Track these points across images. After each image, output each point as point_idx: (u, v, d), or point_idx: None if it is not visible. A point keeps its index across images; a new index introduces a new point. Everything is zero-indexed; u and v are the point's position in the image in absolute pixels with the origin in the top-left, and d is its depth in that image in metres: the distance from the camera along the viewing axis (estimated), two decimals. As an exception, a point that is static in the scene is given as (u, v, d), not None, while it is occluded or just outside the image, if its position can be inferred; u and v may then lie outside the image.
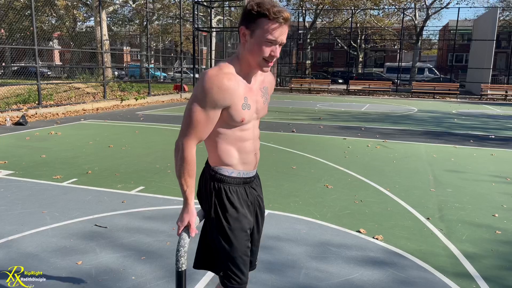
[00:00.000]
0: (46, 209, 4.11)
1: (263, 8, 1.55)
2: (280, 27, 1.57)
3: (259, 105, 1.77)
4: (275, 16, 1.54)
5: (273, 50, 1.60)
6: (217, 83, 1.58)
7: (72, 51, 21.29)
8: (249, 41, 1.62)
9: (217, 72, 1.61)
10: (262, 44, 1.59)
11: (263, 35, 1.57)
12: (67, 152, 6.73)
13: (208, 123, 1.64)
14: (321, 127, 10.23)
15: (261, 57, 1.61)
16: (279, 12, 1.54)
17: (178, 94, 18.94)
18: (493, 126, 11.23)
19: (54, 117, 11.30)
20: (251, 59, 1.64)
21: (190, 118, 1.63)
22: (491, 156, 7.14)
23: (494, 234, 3.71)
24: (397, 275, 2.95)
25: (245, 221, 1.78)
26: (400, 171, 5.89)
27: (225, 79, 1.59)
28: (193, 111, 1.62)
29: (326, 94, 24.46)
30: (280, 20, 1.55)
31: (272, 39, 1.58)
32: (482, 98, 22.17)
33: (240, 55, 1.68)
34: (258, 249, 2.02)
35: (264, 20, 1.56)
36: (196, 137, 1.65)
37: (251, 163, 1.81)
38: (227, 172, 1.75)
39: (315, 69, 42.54)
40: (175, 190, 4.81)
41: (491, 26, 23.27)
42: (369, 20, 37.08)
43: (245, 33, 1.62)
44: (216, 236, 1.76)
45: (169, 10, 30.45)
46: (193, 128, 1.63)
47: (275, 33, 1.57)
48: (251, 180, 1.85)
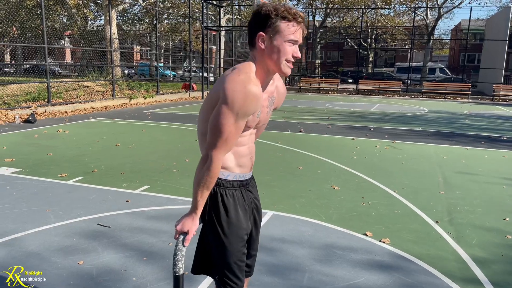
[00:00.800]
0: (50, 207, 4.10)
1: (280, 11, 1.57)
2: (299, 27, 1.59)
3: (264, 115, 1.74)
4: (294, 17, 1.57)
5: (295, 50, 1.61)
6: (249, 92, 1.52)
7: (82, 49, 21.43)
8: (268, 46, 1.59)
9: (246, 78, 1.54)
10: (285, 46, 1.58)
11: (285, 36, 1.58)
12: (73, 150, 6.74)
13: (237, 134, 1.60)
14: (329, 127, 10.14)
15: (283, 59, 1.60)
16: (296, 13, 1.58)
17: (186, 93, 18.96)
18: (505, 128, 11.03)
19: (63, 115, 11.36)
20: (272, 64, 1.61)
21: (222, 130, 1.55)
22: (502, 158, 7.00)
23: (505, 239, 3.61)
24: (403, 280, 2.87)
25: (241, 226, 1.73)
26: (409, 173, 5.79)
27: (255, 86, 1.54)
28: (224, 123, 1.54)
29: (335, 93, 24.30)
30: (299, 20, 1.58)
31: (294, 39, 1.59)
32: (494, 98, 21.84)
33: (257, 61, 1.63)
34: (256, 253, 1.97)
35: (284, 22, 1.57)
36: (227, 149, 1.61)
37: (247, 166, 1.78)
38: (223, 176, 1.71)
39: (324, 68, 42.29)
40: (179, 189, 4.77)
41: (504, 26, 22.93)
42: (380, 19, 36.76)
43: (264, 38, 1.59)
44: (211, 241, 1.73)
45: (178, 9, 30.51)
46: (224, 140, 1.57)
47: (296, 34, 1.59)
48: (247, 183, 1.82)
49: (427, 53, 32.83)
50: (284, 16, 1.56)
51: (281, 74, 1.67)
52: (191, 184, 5.47)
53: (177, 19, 33.29)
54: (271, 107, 1.79)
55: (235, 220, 1.71)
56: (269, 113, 1.78)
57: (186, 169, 5.67)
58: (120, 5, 20.72)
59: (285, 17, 1.56)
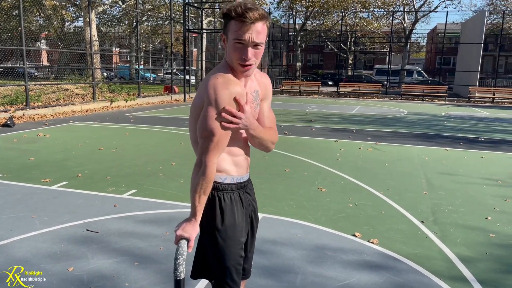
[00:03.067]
0: (35, 213, 4.02)
1: (229, 9, 1.51)
2: (246, 26, 1.50)
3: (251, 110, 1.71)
4: (238, 15, 1.49)
5: (244, 52, 1.53)
6: (233, 92, 1.53)
7: (60, 51, 21.03)
8: (226, 46, 1.59)
9: (226, 79, 1.55)
10: (233, 47, 1.55)
11: (232, 36, 1.53)
12: (56, 155, 6.61)
13: (228, 135, 1.60)
14: (312, 130, 10.23)
15: (235, 61, 1.56)
16: (245, 11, 1.48)
17: (168, 96, 18.81)
18: (482, 129, 11.35)
19: (42, 119, 11.12)
20: (231, 64, 1.60)
21: (212, 134, 1.55)
22: (481, 158, 7.21)
23: (488, 237, 3.73)
24: (394, 280, 2.93)
25: (239, 230, 1.74)
26: (393, 174, 5.90)
27: (237, 85, 1.56)
28: (213, 126, 1.55)
29: (317, 96, 24.52)
30: (244, 20, 1.49)
31: (238, 38, 1.51)
32: (470, 100, 22.44)
33: (227, 62, 1.64)
34: (252, 255, 1.98)
35: (232, 21, 1.52)
36: (219, 152, 1.61)
37: (243, 166, 1.77)
38: (221, 179, 1.70)
39: (305, 71, 42.65)
40: (167, 193, 4.75)
41: (479, 30, 23.58)
42: (359, 22, 37.33)
43: (224, 38, 1.60)
44: (209, 245, 1.73)
45: (159, 11, 30.28)
46: (215, 143, 1.57)
47: (241, 33, 1.50)
48: (245, 185, 1.81)
49: (405, 56, 33.53)
50: (232, 15, 1.50)
51: (240, 76, 1.62)
52: (179, 187, 5.40)
53: (157, 21, 33.04)
54: (258, 101, 1.75)
55: (233, 223, 1.71)
56: (256, 108, 1.74)
57: (172, 173, 5.64)
58: (99, 7, 20.43)
59: (232, 16, 1.50)
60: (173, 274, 1.66)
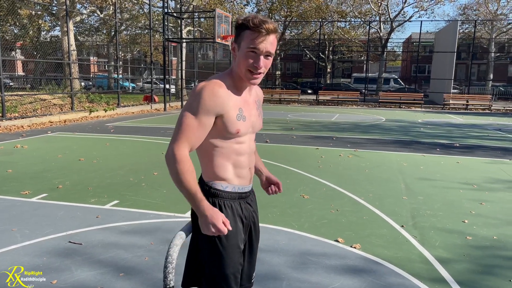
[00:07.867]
0: (16, 226, 3.95)
1: (246, 20, 1.62)
2: (261, 37, 1.60)
3: (254, 118, 1.79)
4: (255, 26, 1.60)
5: (256, 60, 1.63)
6: (209, 90, 1.62)
7: (38, 61, 20.67)
8: (237, 54, 1.67)
9: (208, 82, 1.66)
10: (245, 55, 1.63)
11: (246, 45, 1.63)
12: (35, 166, 6.50)
13: (199, 129, 1.62)
14: (294, 137, 10.34)
15: (245, 68, 1.65)
16: (261, 22, 1.60)
17: (148, 105, 18.70)
18: (457, 135, 11.70)
19: (19, 130, 10.90)
20: (240, 72, 1.68)
21: (181, 124, 1.62)
22: (457, 164, 7.43)
23: (465, 240, 3.86)
24: (376, 283, 3.01)
25: (239, 237, 1.75)
26: (373, 180, 6.03)
27: (216, 86, 1.64)
28: (184, 117, 1.62)
29: (297, 104, 24.78)
30: (261, 30, 1.60)
31: (253, 47, 1.61)
32: (444, 107, 23.08)
33: (233, 70, 1.72)
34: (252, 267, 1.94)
35: (247, 31, 1.62)
36: (187, 142, 1.61)
37: (246, 178, 1.80)
38: (222, 187, 1.73)
39: (284, 79, 43.05)
40: (150, 203, 4.73)
41: (452, 39, 24.35)
42: (337, 32, 38.00)
43: (234, 47, 1.69)
44: (208, 252, 1.72)
45: (138, 21, 30.15)
46: (183, 133, 1.61)
47: (256, 43, 1.61)
48: (246, 196, 1.83)
49: (382, 64, 34.26)
50: (248, 25, 1.61)
51: (248, 84, 1.72)
52: (162, 197, 5.40)
53: (136, 31, 32.85)
54: (260, 110, 1.88)
55: (234, 231, 1.71)
56: (260, 115, 1.85)
57: (155, 183, 5.62)
58: (77, 16, 20.23)
59: (249, 26, 1.61)
60: (162, 283, 1.68)
